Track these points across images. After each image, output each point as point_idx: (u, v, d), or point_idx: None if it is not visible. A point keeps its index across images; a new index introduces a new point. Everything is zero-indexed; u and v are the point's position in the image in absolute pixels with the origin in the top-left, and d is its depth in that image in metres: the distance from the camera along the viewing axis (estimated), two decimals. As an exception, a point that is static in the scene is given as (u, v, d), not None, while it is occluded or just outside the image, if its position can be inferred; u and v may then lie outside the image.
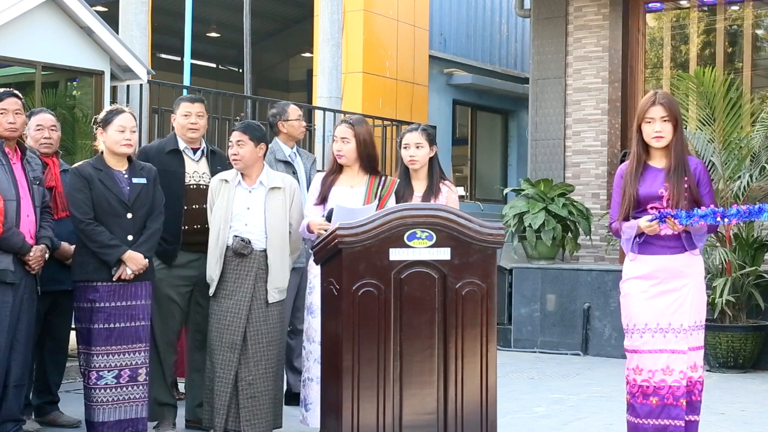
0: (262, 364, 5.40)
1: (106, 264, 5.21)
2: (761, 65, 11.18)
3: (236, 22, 14.01)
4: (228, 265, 5.42)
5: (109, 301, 5.23)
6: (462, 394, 4.39)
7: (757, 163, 8.79)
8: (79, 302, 5.29)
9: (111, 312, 5.23)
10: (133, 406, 5.30)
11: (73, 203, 5.27)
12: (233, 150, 5.46)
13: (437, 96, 14.41)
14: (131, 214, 5.29)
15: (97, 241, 5.19)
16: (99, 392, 5.21)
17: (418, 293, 4.37)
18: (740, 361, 8.40)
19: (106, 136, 5.31)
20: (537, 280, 9.83)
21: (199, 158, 5.83)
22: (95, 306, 5.21)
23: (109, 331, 5.22)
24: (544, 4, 11.41)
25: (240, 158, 5.45)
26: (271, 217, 5.44)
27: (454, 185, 5.67)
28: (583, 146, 11.13)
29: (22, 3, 7.19)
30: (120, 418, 5.25)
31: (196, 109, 5.80)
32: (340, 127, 5.53)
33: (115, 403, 5.24)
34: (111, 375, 5.23)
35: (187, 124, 5.77)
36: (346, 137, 5.45)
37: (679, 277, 4.69)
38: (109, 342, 5.22)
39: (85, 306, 5.24)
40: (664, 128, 4.70)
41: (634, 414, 4.73)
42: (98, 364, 5.21)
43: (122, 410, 5.26)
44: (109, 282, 5.23)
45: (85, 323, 5.25)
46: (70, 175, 5.39)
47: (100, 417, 5.21)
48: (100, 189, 5.24)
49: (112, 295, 5.24)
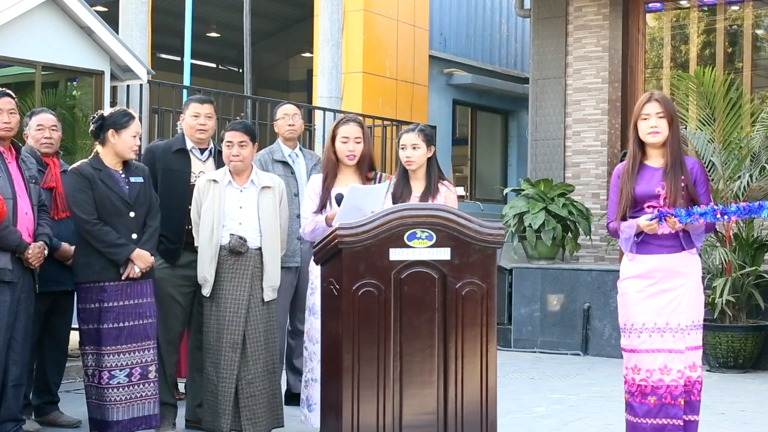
0: (260, 363, 5.41)
1: (112, 263, 5.23)
2: (761, 65, 11.18)
3: (236, 22, 14.01)
4: (222, 265, 5.41)
5: (117, 301, 5.25)
6: (462, 394, 4.39)
7: (757, 163, 8.79)
8: (85, 303, 5.28)
9: (120, 311, 5.25)
10: (145, 404, 5.33)
11: (76, 204, 5.25)
12: (235, 150, 5.45)
13: (437, 96, 14.41)
14: (133, 212, 5.31)
15: (105, 241, 5.20)
16: (112, 392, 5.24)
17: (418, 293, 4.37)
18: (740, 361, 8.40)
19: (119, 139, 5.29)
20: (537, 280, 9.83)
21: (206, 158, 5.85)
22: (104, 306, 5.22)
23: (118, 330, 5.24)
24: (544, 4, 11.41)
25: (242, 159, 5.46)
26: (264, 215, 5.46)
27: (454, 185, 5.66)
28: (583, 146, 11.12)
29: (22, 3, 7.19)
30: (133, 416, 5.29)
31: (206, 110, 5.82)
32: (350, 127, 5.46)
33: (128, 401, 5.27)
34: (123, 374, 5.26)
35: (196, 125, 5.80)
36: (359, 137, 5.44)
37: (677, 277, 4.70)
38: (119, 341, 5.25)
39: (93, 307, 5.24)
40: (660, 124, 4.72)
41: (633, 413, 4.73)
42: (110, 363, 5.23)
43: (135, 408, 5.30)
44: (117, 281, 5.24)
45: (93, 324, 5.25)
46: (70, 175, 5.37)
47: (115, 416, 5.24)
48: (102, 189, 5.24)
49: (120, 294, 5.26)
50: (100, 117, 5.37)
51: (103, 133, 5.31)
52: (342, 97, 11.17)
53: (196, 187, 5.55)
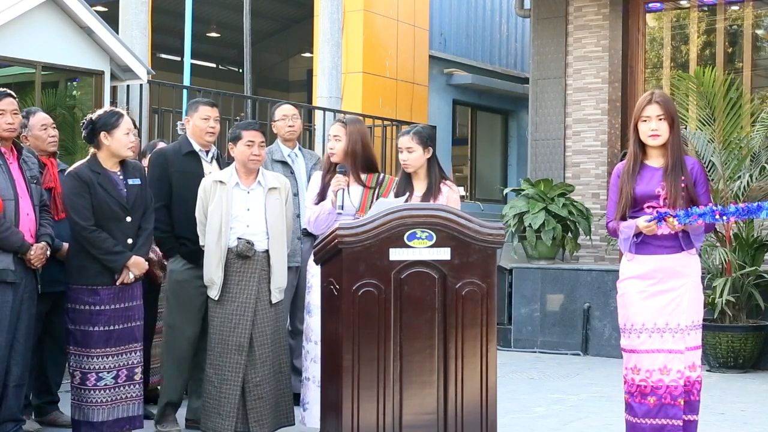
0: (267, 365, 5.40)
1: (107, 269, 5.21)
2: (761, 65, 11.18)
3: (236, 22, 14.02)
4: (230, 268, 5.40)
5: (109, 304, 5.22)
6: (462, 394, 4.39)
7: (757, 163, 8.79)
8: (74, 304, 5.24)
9: (111, 315, 5.23)
10: (129, 405, 5.30)
11: (74, 208, 5.21)
12: (256, 150, 5.45)
13: (437, 96, 14.41)
14: (130, 217, 5.28)
15: (102, 248, 5.18)
16: (98, 393, 5.20)
17: (418, 293, 4.37)
18: (740, 361, 8.40)
19: (113, 139, 5.24)
20: (537, 280, 9.83)
21: (211, 160, 5.93)
22: (94, 309, 5.20)
23: (108, 333, 5.22)
24: (544, 4, 11.41)
25: (262, 159, 5.53)
26: (271, 217, 5.45)
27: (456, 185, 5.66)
28: (583, 146, 11.12)
29: (22, 3, 7.18)
30: (118, 416, 5.26)
31: (215, 113, 5.96)
32: (333, 126, 5.63)
33: (112, 402, 5.24)
34: (110, 376, 5.23)
35: (206, 127, 5.88)
36: (338, 135, 5.52)
37: (676, 277, 4.70)
38: (108, 344, 5.23)
39: (83, 308, 5.22)
40: (660, 126, 4.70)
41: (632, 413, 4.73)
42: (97, 366, 5.20)
43: (120, 409, 5.27)
44: (110, 286, 5.23)
45: (82, 325, 5.22)
46: (68, 179, 5.31)
47: (99, 417, 5.21)
48: (100, 194, 5.20)
49: (113, 298, 5.24)
50: (90, 121, 5.30)
51: (95, 137, 5.27)
52: (342, 97, 11.16)
53: (202, 187, 5.54)
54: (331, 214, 5.39)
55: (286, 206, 5.56)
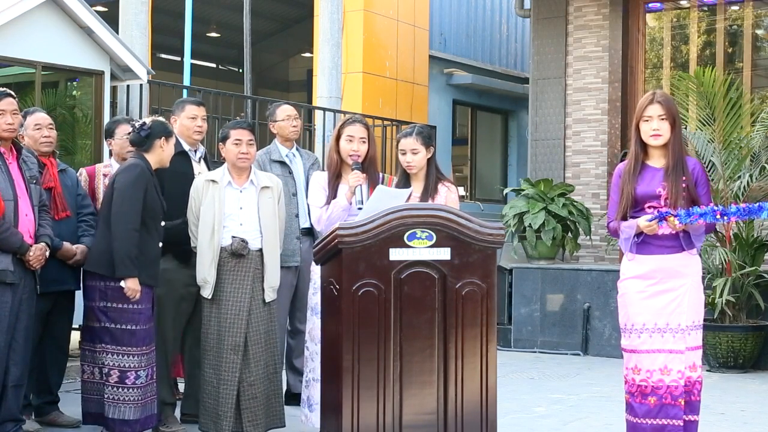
0: (261, 365, 5.40)
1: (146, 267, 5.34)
2: (761, 65, 11.18)
3: (236, 22, 14.01)
4: (223, 267, 5.40)
5: (146, 303, 5.38)
6: (462, 394, 4.39)
7: (757, 163, 8.79)
8: (116, 303, 5.32)
9: (148, 314, 5.41)
10: (152, 403, 5.46)
11: (131, 201, 5.28)
12: (244, 149, 5.45)
13: (437, 96, 14.41)
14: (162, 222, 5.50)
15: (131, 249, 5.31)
16: (135, 391, 5.33)
17: (418, 293, 4.37)
18: (740, 361, 8.40)
19: (167, 146, 5.46)
20: (537, 280, 9.83)
21: (199, 160, 5.95)
22: (137, 308, 5.33)
23: (146, 332, 5.39)
24: (544, 4, 11.41)
25: (251, 158, 5.50)
26: (264, 216, 5.46)
27: (455, 185, 5.64)
28: (583, 146, 11.13)
29: (22, 3, 7.18)
30: (147, 414, 5.41)
31: (202, 112, 5.98)
32: (356, 128, 5.41)
33: (143, 400, 5.37)
34: (145, 374, 5.36)
35: (194, 126, 5.91)
36: (364, 138, 5.40)
37: (677, 277, 4.69)
38: (146, 342, 5.39)
39: (127, 307, 5.32)
40: (662, 126, 4.70)
41: (633, 413, 4.73)
42: (136, 364, 5.34)
43: (147, 407, 5.40)
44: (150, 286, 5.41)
45: (124, 324, 5.33)
46: (137, 172, 5.33)
47: (133, 415, 5.33)
48: (152, 194, 5.37)
49: (148, 297, 5.41)
50: (149, 126, 5.43)
51: (150, 141, 5.40)
52: (342, 97, 11.15)
53: (194, 186, 5.54)
54: (345, 210, 5.32)
55: (279, 205, 5.57)
